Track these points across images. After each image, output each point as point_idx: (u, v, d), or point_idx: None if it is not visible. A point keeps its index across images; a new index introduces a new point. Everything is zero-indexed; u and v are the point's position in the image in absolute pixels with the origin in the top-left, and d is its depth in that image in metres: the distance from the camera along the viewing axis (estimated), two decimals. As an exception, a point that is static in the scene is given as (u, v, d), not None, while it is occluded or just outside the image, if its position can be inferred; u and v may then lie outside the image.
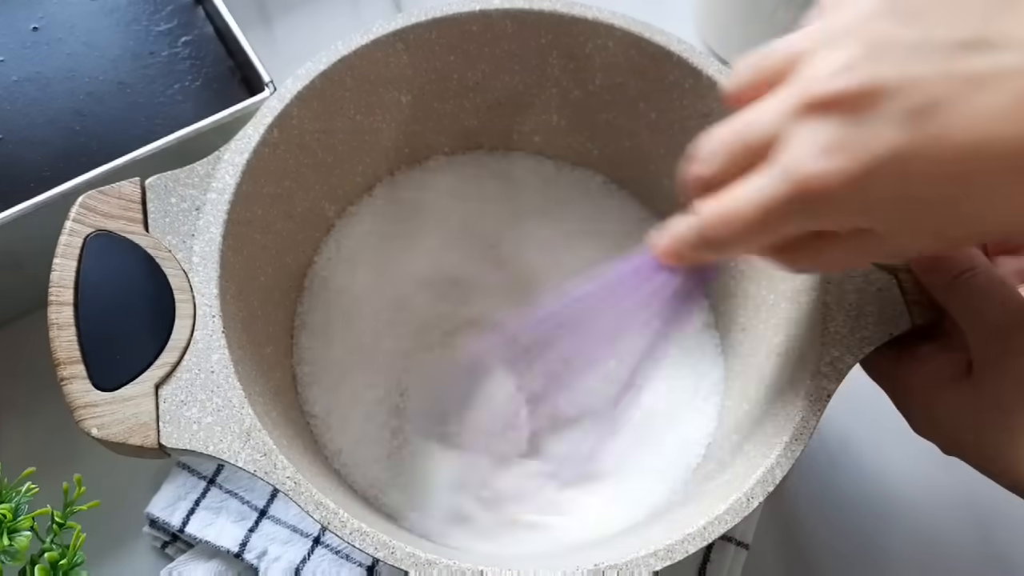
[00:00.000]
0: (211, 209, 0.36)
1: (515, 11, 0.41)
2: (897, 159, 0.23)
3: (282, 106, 0.38)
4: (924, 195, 0.24)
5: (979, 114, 0.23)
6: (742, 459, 0.36)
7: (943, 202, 0.24)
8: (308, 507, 0.32)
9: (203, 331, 0.34)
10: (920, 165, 0.23)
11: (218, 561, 0.43)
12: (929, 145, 0.23)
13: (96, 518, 0.38)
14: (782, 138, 0.25)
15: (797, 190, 0.24)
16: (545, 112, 0.47)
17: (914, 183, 0.24)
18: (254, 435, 0.33)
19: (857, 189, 0.24)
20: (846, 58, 0.24)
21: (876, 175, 0.24)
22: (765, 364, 0.39)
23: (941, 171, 0.23)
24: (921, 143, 0.23)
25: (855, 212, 0.25)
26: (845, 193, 0.24)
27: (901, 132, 0.23)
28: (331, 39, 0.40)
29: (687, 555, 0.32)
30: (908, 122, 0.23)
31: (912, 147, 0.23)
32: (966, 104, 0.23)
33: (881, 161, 0.23)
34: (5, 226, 0.41)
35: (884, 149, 0.23)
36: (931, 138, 0.23)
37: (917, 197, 0.24)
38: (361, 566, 0.43)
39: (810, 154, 0.24)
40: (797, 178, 0.24)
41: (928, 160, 0.23)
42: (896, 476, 0.48)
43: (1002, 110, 0.23)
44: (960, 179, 0.24)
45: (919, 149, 0.23)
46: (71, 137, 0.45)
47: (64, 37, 0.48)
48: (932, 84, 0.23)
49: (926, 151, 0.23)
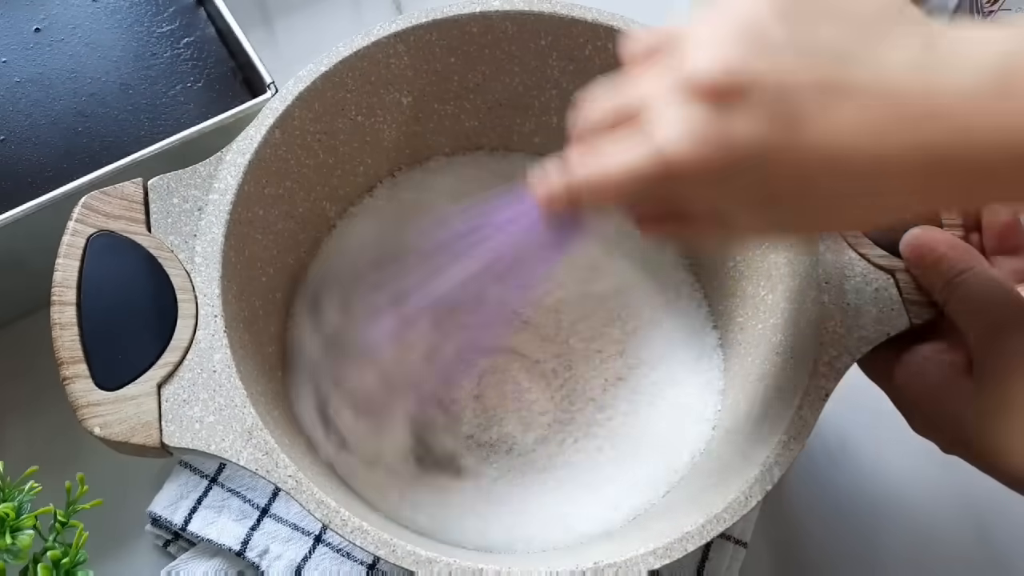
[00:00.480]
0: (213, 210, 0.37)
1: (515, 13, 0.41)
2: (757, 153, 0.24)
3: (283, 107, 0.39)
4: (777, 190, 0.25)
5: (837, 123, 0.24)
6: (740, 458, 0.36)
7: (793, 198, 0.25)
8: (309, 506, 0.32)
9: (205, 331, 0.35)
10: (778, 162, 0.24)
11: (220, 559, 0.43)
12: (789, 144, 0.24)
13: (98, 517, 0.38)
14: (655, 111, 0.26)
15: (661, 166, 0.25)
16: (545, 113, 0.47)
17: (770, 178, 0.25)
18: (256, 434, 0.33)
19: (715, 176, 0.25)
20: (726, 47, 0.25)
21: (735, 165, 0.25)
22: (764, 363, 0.40)
23: (795, 171, 0.24)
24: (782, 141, 0.24)
25: (711, 196, 0.26)
26: (703, 178, 0.25)
27: (764, 128, 0.24)
28: (332, 41, 0.40)
29: (686, 553, 0.32)
30: (773, 119, 0.24)
31: (772, 144, 0.24)
32: (829, 111, 0.24)
33: (742, 153, 0.24)
34: (8, 226, 0.41)
35: (746, 142, 0.24)
36: (792, 138, 0.24)
37: (771, 191, 0.25)
38: (362, 564, 0.43)
39: (677, 135, 0.25)
40: (662, 156, 0.25)
41: (786, 158, 0.24)
42: (894, 475, 0.48)
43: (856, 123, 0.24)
44: (811, 181, 0.25)
45: (779, 147, 0.24)
46: (73, 138, 0.45)
47: (66, 38, 0.48)
48: (802, 86, 0.24)
49: (785, 150, 0.24)
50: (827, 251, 0.37)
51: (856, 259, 0.37)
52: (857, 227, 0.35)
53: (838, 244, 0.37)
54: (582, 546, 0.39)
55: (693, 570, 0.44)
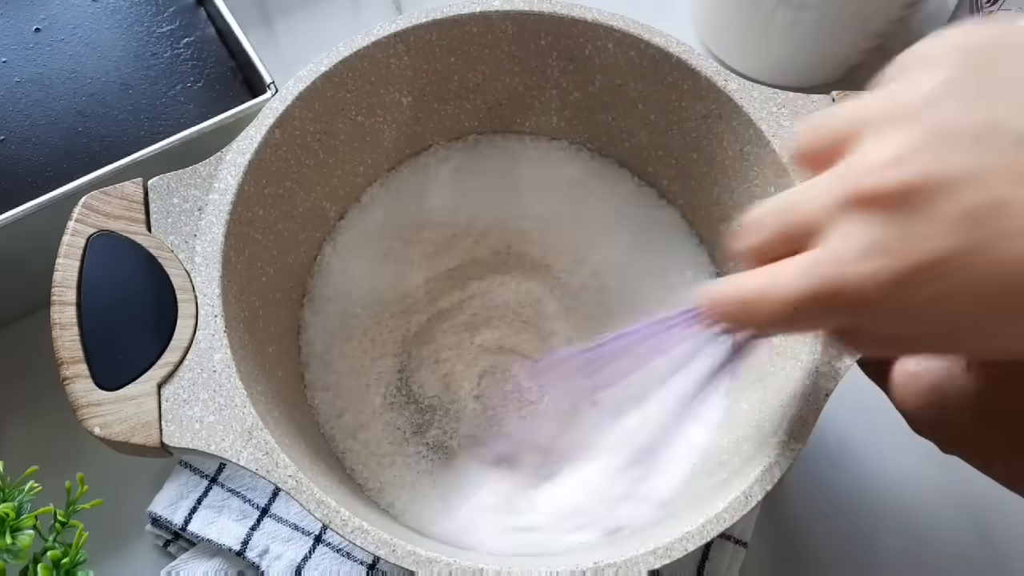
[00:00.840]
0: (213, 210, 0.37)
1: (515, 13, 0.41)
2: (942, 268, 0.21)
3: (283, 107, 0.39)
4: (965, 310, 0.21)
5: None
6: (741, 458, 0.36)
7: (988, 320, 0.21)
8: (309, 505, 0.32)
9: (205, 331, 0.35)
10: (967, 276, 0.20)
11: (220, 559, 0.43)
12: (982, 254, 0.20)
13: (98, 517, 0.38)
14: (824, 228, 0.23)
15: (828, 291, 0.22)
16: (545, 113, 0.47)
17: (957, 296, 0.21)
18: (256, 434, 0.33)
19: (891, 297, 0.21)
20: (900, 147, 0.21)
21: (914, 284, 0.21)
22: (764, 363, 0.40)
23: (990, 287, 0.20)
24: (973, 250, 0.20)
25: (887, 318, 0.22)
26: (877, 300, 0.22)
27: (951, 238, 0.20)
28: (332, 40, 0.40)
29: (686, 553, 0.32)
30: (962, 225, 0.20)
31: (962, 255, 0.20)
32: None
33: (922, 269, 0.21)
34: (8, 226, 0.41)
35: (928, 256, 0.21)
36: (986, 246, 0.20)
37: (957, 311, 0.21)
38: (362, 564, 0.44)
39: (847, 256, 0.22)
40: (829, 279, 0.22)
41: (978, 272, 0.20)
42: (894, 475, 0.48)
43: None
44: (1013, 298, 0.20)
45: (970, 258, 0.20)
46: (73, 138, 0.45)
47: (66, 38, 0.48)
48: (994, 183, 0.20)
49: (977, 261, 0.20)
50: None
51: (856, 259, 0.37)
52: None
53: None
54: (582, 546, 0.39)
55: (693, 570, 0.44)
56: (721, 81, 0.40)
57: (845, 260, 0.22)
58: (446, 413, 0.44)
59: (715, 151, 0.42)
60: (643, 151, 0.46)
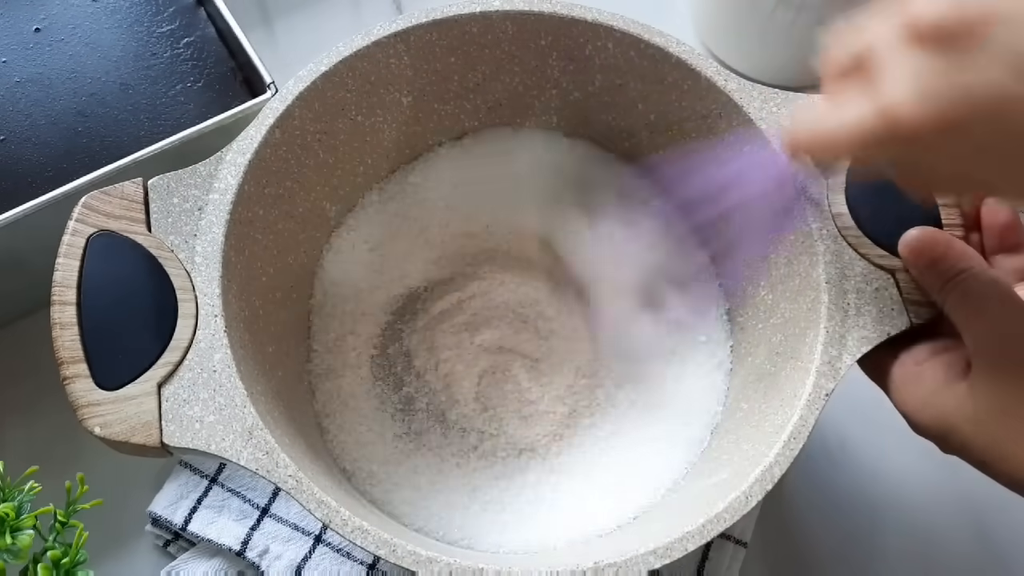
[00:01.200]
0: (213, 209, 0.37)
1: (515, 13, 0.41)
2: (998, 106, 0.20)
3: (284, 107, 0.39)
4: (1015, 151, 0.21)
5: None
6: (740, 458, 0.36)
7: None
8: (309, 505, 0.32)
9: (205, 331, 0.35)
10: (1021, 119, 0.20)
11: (220, 559, 0.43)
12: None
13: (98, 517, 0.38)
14: (884, 62, 0.23)
15: (888, 128, 0.23)
16: (545, 113, 0.47)
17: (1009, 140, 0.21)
18: (256, 434, 0.33)
19: (950, 135, 0.21)
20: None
21: (972, 123, 0.21)
22: (764, 363, 0.40)
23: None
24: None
25: (948, 157, 0.23)
26: (936, 137, 0.22)
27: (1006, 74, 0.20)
28: (332, 40, 0.40)
29: (686, 553, 0.32)
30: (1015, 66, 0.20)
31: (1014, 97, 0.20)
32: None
33: (979, 107, 0.21)
34: (8, 226, 0.41)
35: (985, 94, 0.20)
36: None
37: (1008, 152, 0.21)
38: (362, 564, 0.44)
39: (904, 92, 0.22)
40: (889, 116, 0.22)
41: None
42: (894, 475, 0.48)
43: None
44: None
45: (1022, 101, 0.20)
46: (73, 138, 0.45)
47: (66, 38, 0.48)
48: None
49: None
50: (827, 251, 0.37)
51: (856, 259, 0.37)
52: None
53: (838, 244, 0.37)
54: (582, 546, 0.39)
55: (693, 570, 0.44)
56: (721, 81, 0.40)
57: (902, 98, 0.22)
58: (446, 413, 0.44)
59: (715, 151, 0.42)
60: (643, 151, 0.46)
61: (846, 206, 0.38)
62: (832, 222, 0.37)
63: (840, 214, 0.38)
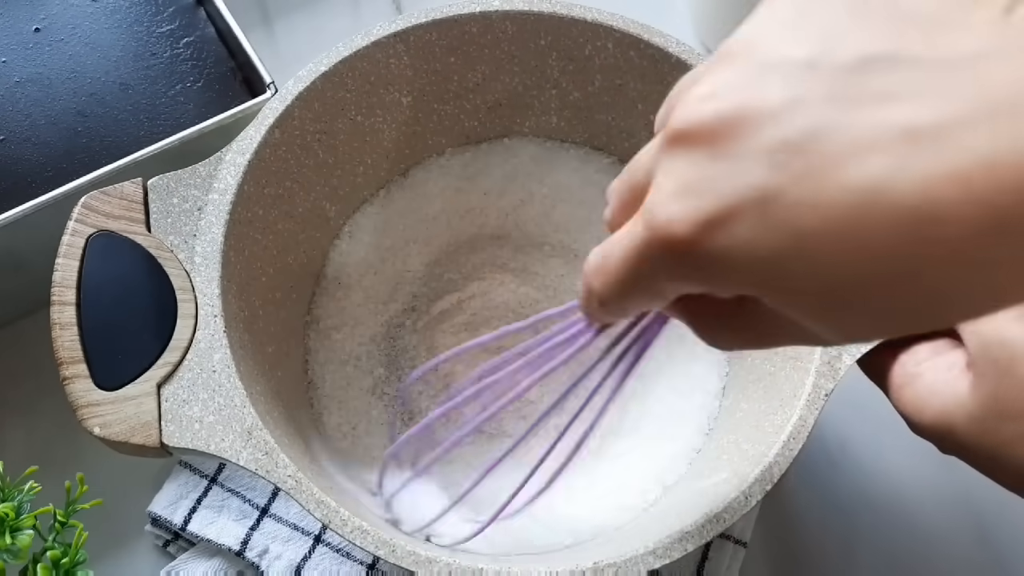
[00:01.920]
0: (213, 210, 0.37)
1: (515, 13, 0.41)
2: (755, 205, 0.18)
3: (283, 107, 0.39)
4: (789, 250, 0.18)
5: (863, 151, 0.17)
6: (740, 458, 0.36)
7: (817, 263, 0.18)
8: (309, 505, 0.32)
9: (205, 331, 0.35)
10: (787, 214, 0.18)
11: (220, 559, 0.43)
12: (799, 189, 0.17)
13: (98, 517, 0.38)
14: (653, 177, 0.21)
15: (653, 238, 0.20)
16: (545, 113, 0.47)
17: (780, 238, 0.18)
18: (255, 434, 0.33)
19: (709, 241, 0.19)
20: (718, 84, 0.19)
21: (729, 225, 0.18)
22: (763, 363, 0.40)
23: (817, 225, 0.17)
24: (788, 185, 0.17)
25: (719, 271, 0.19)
26: (698, 244, 0.19)
27: (764, 171, 0.18)
28: (332, 40, 0.40)
29: (685, 553, 0.32)
30: (775, 157, 0.18)
31: (776, 190, 0.18)
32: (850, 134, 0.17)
33: (733, 207, 0.18)
34: (7, 226, 0.41)
35: (739, 192, 0.18)
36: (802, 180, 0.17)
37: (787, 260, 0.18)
38: (362, 564, 0.44)
39: (663, 196, 0.20)
40: (651, 224, 0.20)
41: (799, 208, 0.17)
42: (894, 475, 0.48)
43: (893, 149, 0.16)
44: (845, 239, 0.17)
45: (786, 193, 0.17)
46: (73, 138, 0.45)
47: (66, 38, 0.48)
48: (811, 110, 0.17)
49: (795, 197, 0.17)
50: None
51: (856, 259, 0.37)
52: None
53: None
54: (581, 546, 0.39)
55: (693, 570, 0.44)
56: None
57: (661, 203, 0.20)
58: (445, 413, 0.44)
59: None
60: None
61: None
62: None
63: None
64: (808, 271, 0.18)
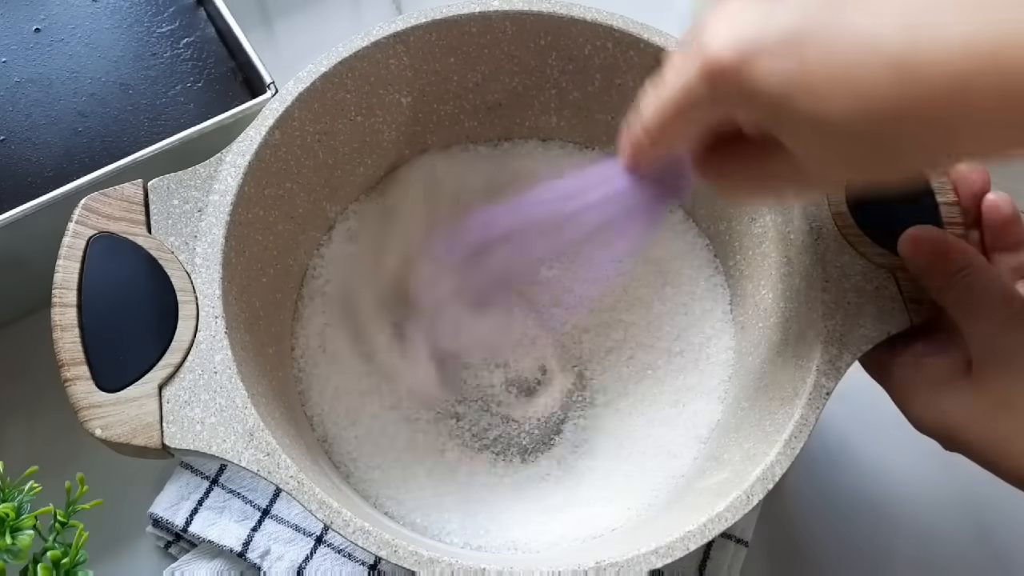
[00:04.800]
0: (213, 211, 0.37)
1: (514, 13, 0.41)
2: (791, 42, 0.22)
3: (283, 108, 0.39)
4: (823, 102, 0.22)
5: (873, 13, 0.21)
6: (741, 457, 0.36)
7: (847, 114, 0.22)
8: (311, 506, 0.32)
9: (206, 332, 0.35)
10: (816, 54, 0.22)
11: (221, 560, 0.43)
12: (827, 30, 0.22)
13: (99, 517, 0.38)
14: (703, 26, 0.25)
15: (702, 68, 0.24)
16: (544, 113, 0.47)
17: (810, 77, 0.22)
18: (257, 435, 0.33)
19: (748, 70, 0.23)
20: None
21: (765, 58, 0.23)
22: (764, 363, 0.40)
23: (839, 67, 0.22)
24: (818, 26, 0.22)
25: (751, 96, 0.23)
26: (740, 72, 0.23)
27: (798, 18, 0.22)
28: (332, 41, 0.40)
29: (687, 552, 0.32)
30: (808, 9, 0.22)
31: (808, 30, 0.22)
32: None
33: (774, 41, 0.22)
34: (8, 227, 0.41)
35: (778, 29, 0.22)
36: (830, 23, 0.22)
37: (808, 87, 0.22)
38: (364, 565, 0.44)
39: (715, 33, 0.24)
40: (702, 56, 0.24)
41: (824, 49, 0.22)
42: (894, 475, 0.48)
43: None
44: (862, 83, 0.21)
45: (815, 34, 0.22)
46: (73, 138, 0.45)
47: (66, 38, 0.48)
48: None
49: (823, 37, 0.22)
50: (827, 250, 0.37)
51: (856, 257, 0.37)
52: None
53: (838, 243, 0.37)
54: (583, 545, 0.39)
55: (694, 569, 0.44)
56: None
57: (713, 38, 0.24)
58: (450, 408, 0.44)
59: None
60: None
61: (845, 205, 0.38)
62: (832, 221, 0.37)
63: (840, 213, 0.38)
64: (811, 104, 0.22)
